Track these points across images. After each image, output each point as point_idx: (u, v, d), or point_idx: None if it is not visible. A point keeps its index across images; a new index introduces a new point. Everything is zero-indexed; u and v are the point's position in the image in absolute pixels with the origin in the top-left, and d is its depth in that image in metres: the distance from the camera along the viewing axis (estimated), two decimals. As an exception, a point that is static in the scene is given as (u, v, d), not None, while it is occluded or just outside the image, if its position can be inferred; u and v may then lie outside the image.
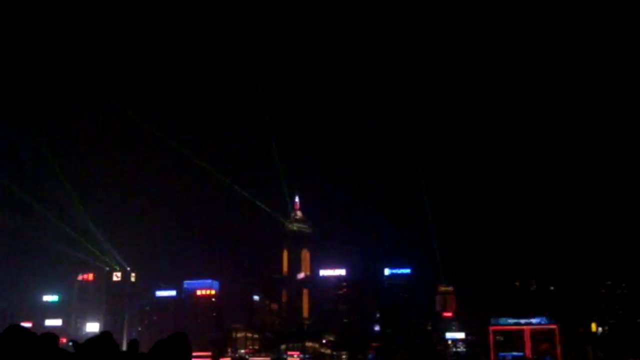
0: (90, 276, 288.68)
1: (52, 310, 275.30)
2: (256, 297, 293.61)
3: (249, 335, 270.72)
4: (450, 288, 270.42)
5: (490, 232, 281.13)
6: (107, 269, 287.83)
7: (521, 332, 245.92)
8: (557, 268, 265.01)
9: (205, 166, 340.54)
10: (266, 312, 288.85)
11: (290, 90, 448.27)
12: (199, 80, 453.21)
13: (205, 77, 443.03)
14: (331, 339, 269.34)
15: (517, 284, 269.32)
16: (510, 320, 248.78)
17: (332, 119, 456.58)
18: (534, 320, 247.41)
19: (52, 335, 12.20)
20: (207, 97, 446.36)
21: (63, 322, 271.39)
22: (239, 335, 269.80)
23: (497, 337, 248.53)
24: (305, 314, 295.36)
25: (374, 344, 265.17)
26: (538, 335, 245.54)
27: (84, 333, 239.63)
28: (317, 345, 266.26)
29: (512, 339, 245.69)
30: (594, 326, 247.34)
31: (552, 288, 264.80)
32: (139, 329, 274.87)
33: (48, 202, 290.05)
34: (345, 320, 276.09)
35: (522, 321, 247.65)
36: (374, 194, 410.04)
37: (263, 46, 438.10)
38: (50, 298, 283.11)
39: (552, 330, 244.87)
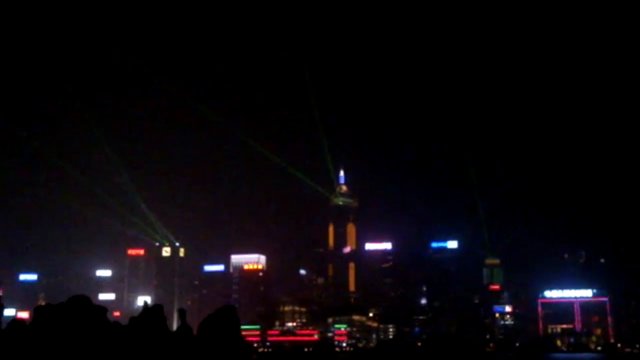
0: (141, 252, 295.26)
1: (105, 285, 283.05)
2: (303, 272, 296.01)
3: (296, 309, 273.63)
4: (497, 260, 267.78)
5: (537, 203, 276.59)
6: (157, 244, 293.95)
7: (571, 305, 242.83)
8: (607, 239, 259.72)
9: (251, 141, 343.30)
10: (313, 286, 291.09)
11: (333, 61, 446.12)
12: (243, 56, 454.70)
13: (249, 52, 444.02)
14: (378, 312, 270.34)
15: (565, 256, 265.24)
16: (560, 293, 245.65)
17: (376, 91, 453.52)
18: (583, 293, 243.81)
19: (102, 308, 12.79)
20: (251, 73, 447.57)
21: (116, 296, 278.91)
22: (286, 309, 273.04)
23: (546, 310, 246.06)
24: (352, 287, 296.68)
25: (420, 317, 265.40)
26: (588, 308, 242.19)
27: (135, 307, 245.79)
28: (363, 319, 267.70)
29: (562, 312, 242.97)
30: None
31: (602, 260, 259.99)
32: (189, 302, 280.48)
33: (99, 179, 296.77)
34: (391, 294, 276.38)
35: (572, 294, 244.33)
36: (419, 167, 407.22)
37: (307, 19, 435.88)
38: (103, 273, 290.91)
39: (603, 303, 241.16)
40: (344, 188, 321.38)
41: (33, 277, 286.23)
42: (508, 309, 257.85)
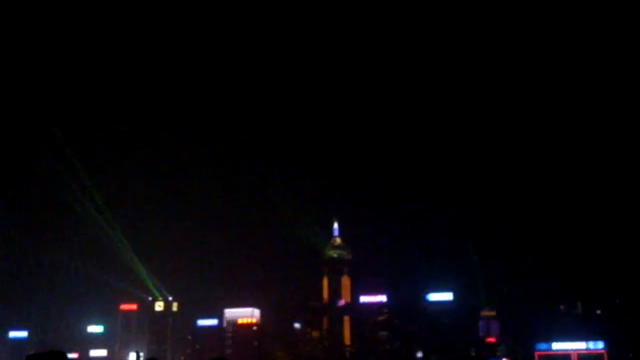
0: (134, 307, 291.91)
1: (96, 341, 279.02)
2: (297, 325, 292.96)
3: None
4: (493, 312, 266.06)
5: (533, 254, 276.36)
6: (150, 298, 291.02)
7: (568, 357, 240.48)
8: (604, 290, 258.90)
9: (244, 193, 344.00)
10: (307, 340, 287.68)
11: (330, 115, 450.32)
12: (240, 105, 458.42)
13: (246, 100, 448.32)
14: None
15: (561, 307, 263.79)
16: (556, 345, 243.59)
17: (371, 143, 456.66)
18: (580, 345, 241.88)
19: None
20: (245, 122, 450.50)
21: (108, 352, 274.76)
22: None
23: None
24: (347, 341, 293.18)
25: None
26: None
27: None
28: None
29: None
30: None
31: (598, 311, 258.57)
32: (182, 358, 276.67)
33: (90, 234, 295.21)
34: (387, 347, 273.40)
35: (569, 346, 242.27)
36: (414, 219, 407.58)
37: (301, 64, 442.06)
38: (94, 329, 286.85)
39: (601, 355, 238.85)
40: (338, 240, 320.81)
41: (23, 334, 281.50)
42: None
